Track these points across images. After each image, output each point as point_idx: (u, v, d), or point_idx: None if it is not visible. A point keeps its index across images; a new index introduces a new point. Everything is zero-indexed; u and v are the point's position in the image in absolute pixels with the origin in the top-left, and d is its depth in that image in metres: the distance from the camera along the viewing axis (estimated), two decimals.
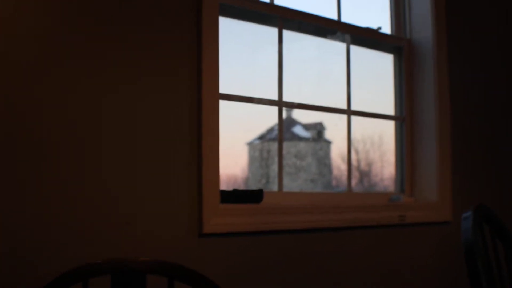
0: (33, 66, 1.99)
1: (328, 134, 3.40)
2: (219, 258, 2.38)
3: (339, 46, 3.15)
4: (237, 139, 2.95)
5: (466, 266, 2.04)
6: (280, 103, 2.82)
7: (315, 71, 3.13)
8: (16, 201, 1.93)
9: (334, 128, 3.20)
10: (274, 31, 2.85)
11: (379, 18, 3.43)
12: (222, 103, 2.56)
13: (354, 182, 3.37)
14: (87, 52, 2.10)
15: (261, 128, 3.09)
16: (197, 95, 2.35)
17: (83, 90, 2.09)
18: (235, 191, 2.55)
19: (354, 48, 3.19)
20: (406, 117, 3.36)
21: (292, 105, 2.93)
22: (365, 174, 3.59)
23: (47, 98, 2.01)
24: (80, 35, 2.09)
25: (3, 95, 1.93)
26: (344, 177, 3.14)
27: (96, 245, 2.07)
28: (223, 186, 2.60)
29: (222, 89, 2.52)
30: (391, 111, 3.40)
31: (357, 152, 3.41)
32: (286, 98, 2.85)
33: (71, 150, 2.04)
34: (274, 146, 2.87)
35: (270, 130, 3.06)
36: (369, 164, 3.55)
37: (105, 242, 2.09)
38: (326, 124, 3.35)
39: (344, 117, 3.12)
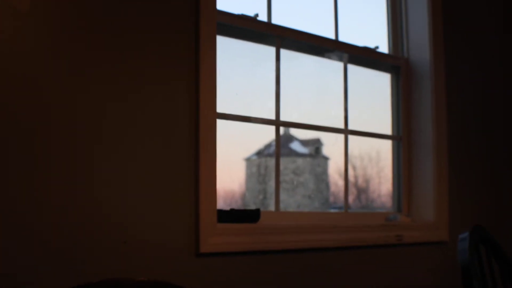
0: (33, 72, 2.00)
1: (326, 150, 3.41)
2: (216, 277, 2.38)
3: (336, 65, 3.17)
4: (234, 155, 2.95)
5: (462, 286, 2.04)
6: (277, 122, 2.83)
7: (313, 89, 3.14)
8: (16, 205, 1.93)
9: (332, 144, 3.21)
10: (272, 50, 2.87)
11: (377, 37, 3.45)
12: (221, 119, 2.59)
13: (351, 198, 3.37)
14: (87, 61, 2.11)
15: (259, 144, 3.10)
16: (195, 115, 2.36)
17: (83, 100, 2.10)
18: (232, 211, 2.55)
19: (351, 67, 3.21)
20: (403, 136, 3.37)
21: (290, 124, 2.94)
22: (362, 191, 3.60)
23: (43, 104, 2.02)
24: (81, 44, 2.10)
25: (5, 98, 1.94)
26: (342, 193, 3.14)
27: (92, 264, 2.07)
28: (220, 201, 2.60)
29: (221, 107, 2.53)
30: (388, 129, 3.41)
31: (354, 169, 3.42)
32: (284, 113, 2.86)
33: (67, 164, 2.05)
34: (272, 162, 2.88)
35: (268, 146, 3.07)
36: (367, 181, 3.56)
37: (101, 261, 2.09)
38: (324, 140, 3.36)
39: (342, 135, 3.13)
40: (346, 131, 3.13)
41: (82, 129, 2.08)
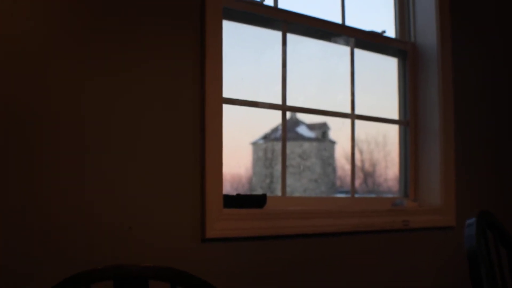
0: (35, 66, 1.99)
1: (332, 134, 3.41)
2: (222, 263, 2.38)
3: (343, 49, 3.15)
4: (241, 139, 2.95)
5: (469, 272, 2.04)
6: (283, 107, 2.82)
7: (320, 74, 3.12)
8: (17, 203, 1.93)
9: (339, 128, 3.20)
10: (278, 34, 2.85)
11: (384, 22, 3.43)
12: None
13: (358, 182, 3.37)
14: (91, 54, 2.11)
15: (266, 128, 3.09)
16: (200, 99, 2.35)
17: (88, 92, 2.09)
18: (238, 196, 2.55)
19: (358, 52, 3.19)
20: (410, 121, 3.35)
21: (296, 109, 2.93)
22: (369, 175, 3.59)
23: (50, 98, 2.01)
24: (84, 36, 2.09)
25: (6, 96, 1.93)
26: (349, 178, 3.13)
27: (99, 250, 2.07)
28: (227, 185, 2.59)
29: (227, 91, 2.52)
30: (395, 114, 3.40)
31: (361, 153, 3.41)
32: (290, 98, 2.85)
33: (74, 155, 2.05)
34: (278, 146, 2.87)
35: (274, 130, 3.06)
36: (373, 165, 3.55)
37: (107, 247, 2.09)
38: (330, 124, 3.35)
39: (348, 119, 3.11)
40: (352, 116, 3.12)
41: (81, 121, 2.08)
